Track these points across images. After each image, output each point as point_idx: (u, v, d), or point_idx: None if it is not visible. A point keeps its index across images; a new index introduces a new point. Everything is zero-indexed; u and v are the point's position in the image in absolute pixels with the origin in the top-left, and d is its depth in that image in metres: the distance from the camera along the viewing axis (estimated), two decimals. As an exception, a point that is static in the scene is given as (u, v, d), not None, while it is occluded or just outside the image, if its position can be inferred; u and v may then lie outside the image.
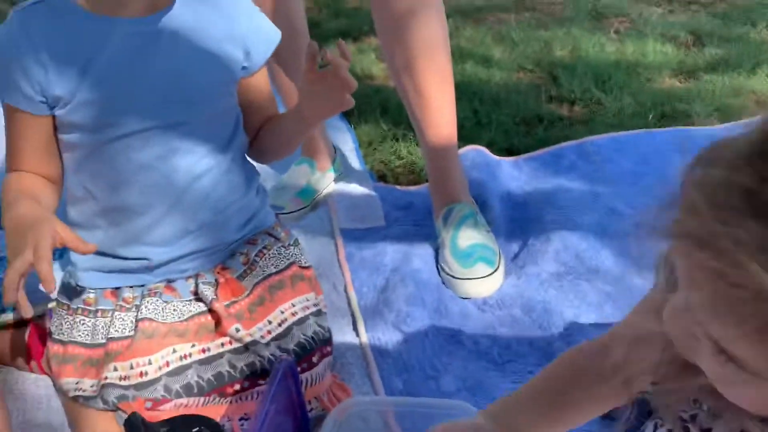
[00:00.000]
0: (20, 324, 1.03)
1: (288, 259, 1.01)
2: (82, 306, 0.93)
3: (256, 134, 1.02)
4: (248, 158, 1.03)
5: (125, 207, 0.91)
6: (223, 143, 0.95)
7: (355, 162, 1.65)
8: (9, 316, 1.03)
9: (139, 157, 0.88)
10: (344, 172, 1.58)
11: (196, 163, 0.92)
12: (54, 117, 0.86)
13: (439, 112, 1.30)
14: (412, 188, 1.55)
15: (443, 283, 1.24)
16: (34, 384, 1.02)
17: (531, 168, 1.57)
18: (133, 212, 0.91)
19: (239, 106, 0.98)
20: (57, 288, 0.91)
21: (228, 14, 0.92)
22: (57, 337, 0.93)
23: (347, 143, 1.72)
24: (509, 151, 1.68)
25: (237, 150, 0.99)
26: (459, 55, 2.23)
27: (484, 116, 1.82)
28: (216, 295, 0.95)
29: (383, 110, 1.88)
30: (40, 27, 0.82)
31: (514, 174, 1.55)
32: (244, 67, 0.94)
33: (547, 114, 1.86)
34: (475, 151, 1.58)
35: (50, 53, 0.81)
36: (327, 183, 1.53)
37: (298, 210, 1.45)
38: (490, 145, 1.66)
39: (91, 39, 0.83)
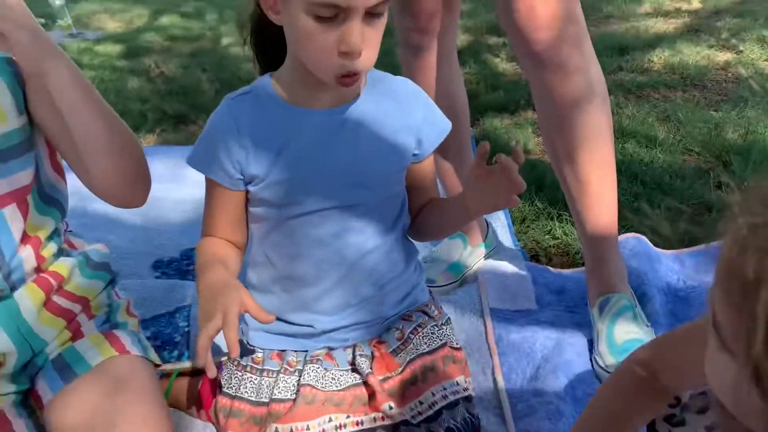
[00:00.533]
0: (196, 372, 1.13)
1: (441, 339, 1.04)
2: (251, 364, 1.01)
3: (417, 214, 1.06)
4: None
5: (299, 277, 0.99)
6: (389, 224, 1.01)
7: (507, 239, 1.65)
8: (187, 365, 1.14)
9: (317, 233, 0.96)
10: (496, 249, 1.59)
11: (365, 241, 0.98)
12: (247, 192, 0.96)
13: (600, 201, 1.27)
14: (566, 271, 1.52)
15: (596, 376, 1.20)
16: (203, 431, 1.11)
17: (696, 262, 1.48)
18: (305, 282, 0.99)
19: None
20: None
21: (405, 106, 0.98)
22: (226, 390, 1.01)
23: (500, 219, 1.73)
24: (672, 241, 1.60)
25: (400, 230, 1.04)
26: (620, 134, 2.18)
27: (646, 201, 1.75)
28: (371, 368, 0.99)
29: (538, 187, 1.87)
30: (245, 114, 0.93)
31: (675, 267, 1.47)
32: (414, 154, 0.99)
33: (716, 202, 1.75)
34: (635, 239, 1.53)
35: (252, 138, 0.92)
36: (477, 258, 1.55)
37: (448, 284, 1.48)
38: (651, 233, 1.60)
39: (287, 127, 0.92)
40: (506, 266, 1.51)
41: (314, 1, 0.78)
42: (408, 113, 0.98)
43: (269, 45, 0.95)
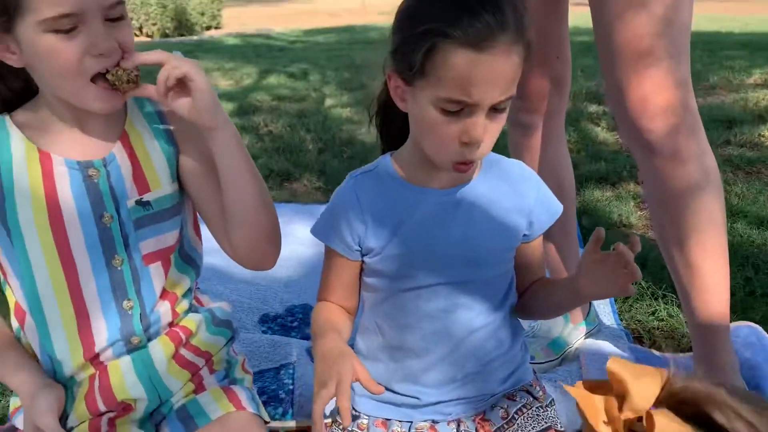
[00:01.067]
0: (301, 432, 1.18)
1: (545, 422, 1.03)
2: (356, 429, 1.04)
3: (523, 293, 1.08)
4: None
5: (407, 348, 1.02)
6: (498, 302, 1.03)
7: (609, 317, 1.62)
8: (292, 424, 1.18)
9: (427, 307, 0.99)
10: (597, 327, 1.56)
11: (474, 318, 1.00)
12: (363, 262, 1.01)
13: (712, 289, 1.23)
14: (672, 356, 1.47)
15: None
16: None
17: (817, 356, 1.39)
18: (412, 353, 1.02)
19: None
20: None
21: (518, 188, 1.01)
22: (331, 453, 1.04)
23: (601, 295, 1.70)
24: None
25: (508, 308, 1.05)
26: (729, 213, 2.11)
27: (759, 286, 1.68)
28: (475, 444, 1.00)
29: (642, 264, 1.82)
30: (367, 191, 0.99)
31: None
32: (525, 235, 1.02)
33: (837, 291, 1.66)
34: (748, 327, 1.46)
35: (372, 213, 0.97)
36: (578, 336, 1.53)
37: (548, 361, 1.46)
38: (765, 321, 1.53)
39: (404, 204, 0.97)
40: (608, 346, 1.48)
41: (443, 96, 0.83)
42: (521, 195, 1.01)
43: (393, 127, 1.02)
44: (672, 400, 0.63)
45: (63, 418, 0.95)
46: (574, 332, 1.52)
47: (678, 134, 1.13)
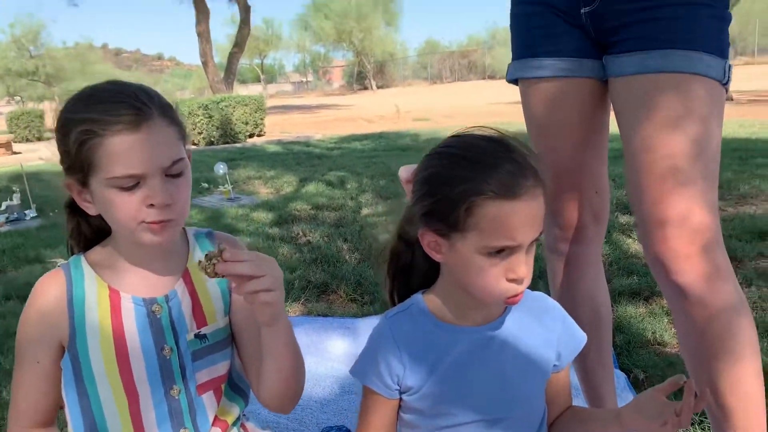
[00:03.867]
0: None
1: None
2: None
3: (554, 422, 1.11)
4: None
5: (444, 483, 1.05)
6: (531, 435, 1.06)
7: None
8: None
9: (462, 445, 1.03)
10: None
11: (509, 454, 1.04)
12: (401, 400, 1.07)
13: (748, 420, 1.23)
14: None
15: None
16: None
17: None
18: (450, 489, 1.05)
19: None
20: None
21: (545, 321, 1.07)
22: None
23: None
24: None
25: (542, 441, 1.09)
26: (764, 335, 2.10)
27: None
28: None
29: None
30: (403, 332, 1.06)
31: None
32: (554, 365, 1.07)
33: None
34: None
35: (409, 353, 1.04)
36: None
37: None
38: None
39: (439, 343, 1.04)
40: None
41: (489, 245, 0.91)
42: (547, 328, 1.07)
43: (413, 278, 1.10)
44: None
45: None
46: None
47: (707, 279, 1.16)
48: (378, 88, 45.28)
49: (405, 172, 1.11)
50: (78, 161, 0.95)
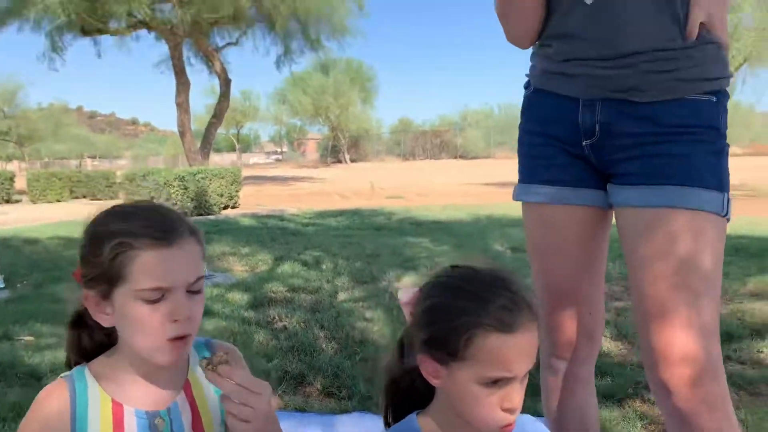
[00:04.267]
0: None
1: None
2: None
3: None
4: None
5: None
6: None
7: None
8: None
9: None
10: None
11: None
12: None
13: None
14: None
15: None
16: None
17: None
18: None
19: None
20: None
21: None
22: None
23: None
24: None
25: None
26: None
27: None
28: None
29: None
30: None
31: None
32: None
33: None
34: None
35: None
36: None
37: None
38: None
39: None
40: None
41: (486, 375, 0.97)
42: None
43: (409, 400, 1.15)
44: None
45: None
46: None
47: (705, 407, 1.20)
48: (351, 161, 46.02)
49: (405, 295, 1.16)
50: (108, 273, 1.00)
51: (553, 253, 1.47)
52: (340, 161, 46.81)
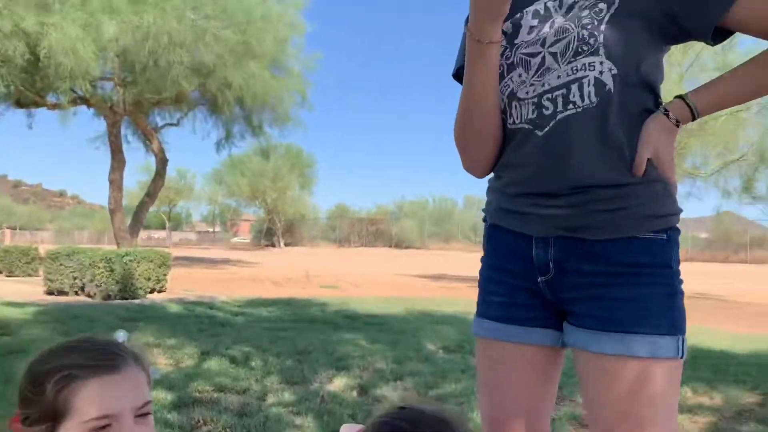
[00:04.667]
0: None
1: None
2: None
3: None
4: None
5: None
6: None
7: None
8: None
9: None
10: None
11: None
12: None
13: None
14: None
15: None
16: None
17: None
18: None
19: None
20: None
21: None
22: None
23: None
24: None
25: None
26: None
27: None
28: None
29: None
30: None
31: None
32: None
33: None
34: None
35: None
36: None
37: None
38: None
39: None
40: None
41: None
42: None
43: None
44: None
45: None
46: None
47: None
48: (285, 245, 45.74)
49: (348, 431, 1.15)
50: (52, 409, 0.99)
51: (500, 389, 1.47)
52: (273, 245, 46.41)
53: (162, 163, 17.74)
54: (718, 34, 1.28)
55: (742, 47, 12.02)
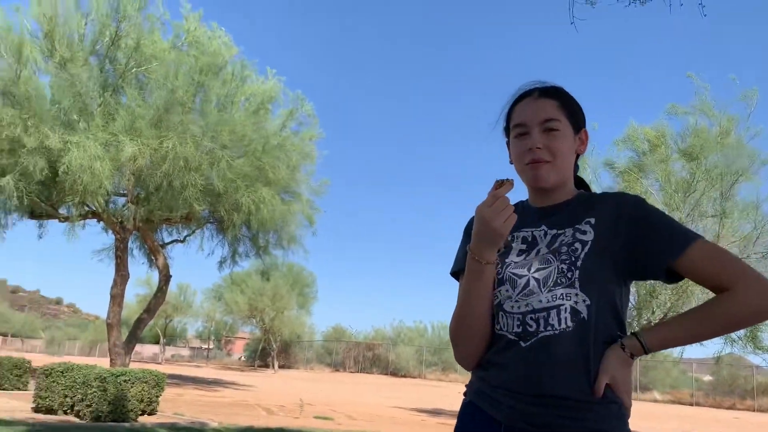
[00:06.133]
0: None
1: None
2: None
3: None
4: None
5: None
6: None
7: None
8: None
9: None
10: None
11: None
12: None
13: None
14: None
15: None
16: None
17: None
18: None
19: None
20: None
21: None
22: None
23: None
24: None
25: None
26: None
27: None
28: None
29: None
30: None
31: None
32: None
33: None
34: None
35: None
36: None
37: None
38: None
39: None
40: None
41: None
42: None
43: None
44: None
45: None
46: None
47: None
48: (280, 367, 44.70)
49: None
50: None
51: None
52: (267, 366, 45.32)
53: (165, 279, 17.81)
54: (674, 276, 1.55)
55: (741, 195, 12.45)
